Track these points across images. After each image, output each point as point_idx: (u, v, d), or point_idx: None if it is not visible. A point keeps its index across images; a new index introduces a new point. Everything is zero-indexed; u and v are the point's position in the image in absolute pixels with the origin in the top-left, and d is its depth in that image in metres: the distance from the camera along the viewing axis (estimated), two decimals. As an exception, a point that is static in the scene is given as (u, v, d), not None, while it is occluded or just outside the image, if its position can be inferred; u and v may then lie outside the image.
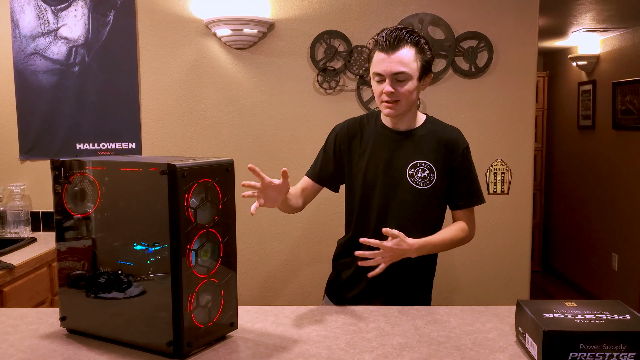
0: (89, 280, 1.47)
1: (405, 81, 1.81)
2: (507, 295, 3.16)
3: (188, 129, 3.15)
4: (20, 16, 3.10)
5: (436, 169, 1.89)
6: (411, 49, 1.80)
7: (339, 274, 2.05)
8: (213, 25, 2.97)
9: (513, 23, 3.05)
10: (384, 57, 1.80)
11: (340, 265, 2.05)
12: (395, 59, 1.78)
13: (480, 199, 1.96)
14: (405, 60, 1.79)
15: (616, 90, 4.75)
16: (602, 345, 1.25)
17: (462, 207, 1.95)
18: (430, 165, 1.89)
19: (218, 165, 1.43)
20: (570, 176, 5.77)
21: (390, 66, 1.79)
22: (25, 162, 3.20)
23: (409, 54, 1.79)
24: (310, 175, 2.05)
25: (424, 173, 1.88)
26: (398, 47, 1.78)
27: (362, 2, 3.06)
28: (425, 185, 1.88)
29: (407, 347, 1.43)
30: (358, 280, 1.98)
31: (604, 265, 5.05)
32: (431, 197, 1.89)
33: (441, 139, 1.92)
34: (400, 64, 1.78)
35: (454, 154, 1.91)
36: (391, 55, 1.79)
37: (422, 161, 1.89)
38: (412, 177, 1.88)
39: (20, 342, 1.47)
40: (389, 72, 1.80)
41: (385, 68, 1.80)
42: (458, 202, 1.94)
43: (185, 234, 1.33)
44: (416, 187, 1.88)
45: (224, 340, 1.48)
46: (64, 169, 1.49)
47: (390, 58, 1.79)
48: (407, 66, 1.79)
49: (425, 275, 2.01)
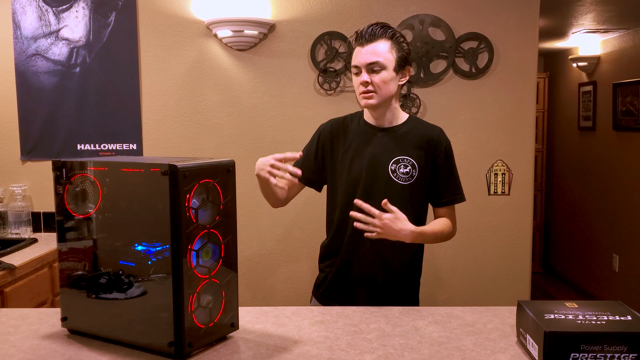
0: (90, 280, 1.48)
1: (380, 70, 1.86)
2: (508, 296, 3.16)
3: (189, 129, 3.16)
4: (21, 17, 3.10)
5: (418, 166, 1.93)
6: (386, 42, 1.87)
7: (325, 276, 2.06)
8: (214, 26, 2.98)
9: (513, 24, 3.05)
10: (359, 50, 1.88)
11: (327, 267, 2.07)
12: (370, 49, 1.86)
13: (461, 197, 2.01)
14: (379, 51, 1.86)
15: (617, 91, 4.75)
16: (604, 346, 1.25)
17: (445, 204, 1.99)
18: (412, 161, 1.93)
19: (219, 166, 1.43)
20: (570, 177, 5.77)
21: (365, 57, 1.86)
22: (26, 163, 3.21)
23: (384, 46, 1.87)
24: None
25: (407, 169, 1.92)
26: (372, 39, 1.87)
27: (363, 4, 3.06)
28: (407, 180, 1.92)
29: (408, 348, 1.43)
30: (344, 281, 2.00)
31: (604, 266, 5.05)
32: (413, 192, 1.93)
33: (424, 136, 1.96)
34: (374, 55, 1.86)
35: (436, 151, 1.95)
36: (366, 47, 1.87)
37: (405, 157, 1.93)
38: (394, 172, 1.92)
39: (21, 342, 1.47)
40: (363, 63, 1.87)
41: (360, 59, 1.87)
42: (441, 199, 1.99)
43: (186, 235, 1.33)
44: (399, 182, 1.91)
45: (224, 340, 1.48)
46: (65, 170, 1.49)
47: (365, 49, 1.87)
48: (381, 56, 1.86)
49: (411, 275, 2.04)
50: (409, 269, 2.01)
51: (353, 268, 1.98)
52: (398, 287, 2.00)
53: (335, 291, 2.03)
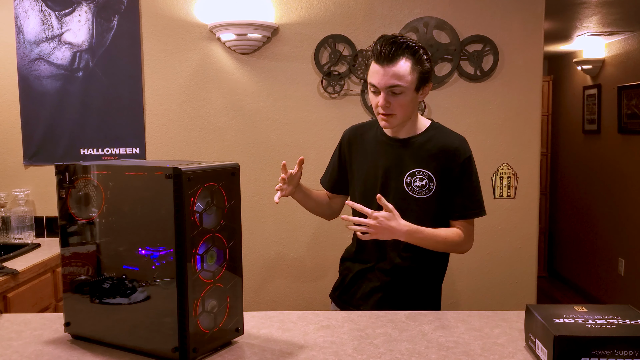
0: (94, 285, 1.46)
1: (401, 94, 1.77)
2: (514, 300, 3.13)
3: (192, 133, 3.15)
4: (24, 22, 3.10)
5: (436, 178, 1.85)
6: (407, 61, 1.75)
7: (343, 278, 2.05)
8: (217, 29, 2.97)
9: (518, 26, 3.04)
10: (379, 69, 1.76)
11: (344, 270, 2.05)
12: (390, 72, 1.75)
13: (478, 212, 1.90)
14: (401, 73, 1.75)
15: (622, 94, 4.73)
16: (614, 351, 1.23)
17: (457, 218, 1.89)
18: (429, 174, 1.85)
19: (224, 169, 1.42)
20: (575, 181, 5.75)
21: (385, 79, 1.75)
22: (29, 168, 3.20)
23: (405, 66, 1.75)
24: (327, 187, 2.11)
25: (422, 182, 1.84)
26: (394, 59, 1.74)
27: (367, 6, 3.05)
28: (424, 194, 1.85)
29: (415, 353, 1.41)
30: (361, 284, 1.98)
31: (610, 270, 5.02)
32: (430, 206, 1.86)
33: (442, 146, 1.87)
34: (395, 78, 1.75)
35: (454, 163, 1.86)
36: (386, 68, 1.75)
37: (421, 170, 1.85)
38: (409, 185, 1.85)
39: (24, 348, 1.46)
40: (383, 86, 1.77)
41: (380, 81, 1.76)
42: (454, 212, 1.89)
43: (190, 239, 1.32)
44: (414, 196, 1.85)
45: (229, 346, 1.46)
46: (68, 174, 1.48)
47: (385, 70, 1.75)
48: (402, 79, 1.75)
49: (431, 280, 1.98)
50: (427, 275, 1.95)
51: (369, 273, 1.95)
52: (418, 291, 1.94)
53: (351, 294, 2.00)
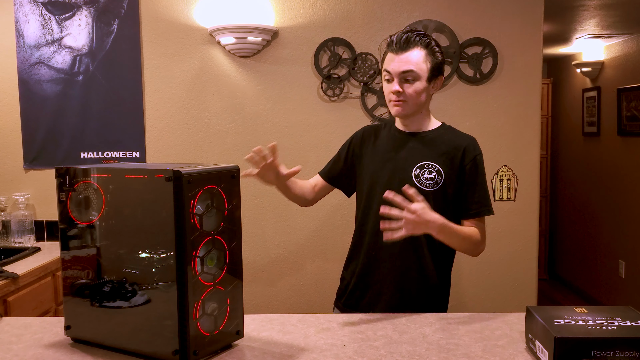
0: (94, 288, 1.46)
1: (414, 81, 1.81)
2: (514, 302, 3.13)
3: (192, 137, 3.15)
4: (24, 26, 3.10)
5: (444, 173, 1.86)
6: (421, 50, 1.82)
7: (347, 284, 2.02)
8: (217, 33, 2.97)
9: (518, 29, 3.04)
10: (393, 57, 1.82)
11: (348, 275, 2.03)
12: (404, 58, 1.81)
13: (490, 209, 1.90)
14: (414, 60, 1.80)
15: (621, 96, 4.74)
16: (615, 352, 1.23)
17: (473, 215, 1.88)
18: (438, 167, 1.86)
19: (224, 172, 1.42)
20: (575, 183, 5.75)
21: (399, 65, 1.81)
22: (29, 172, 3.20)
23: (419, 55, 1.81)
24: (321, 173, 2.11)
25: (431, 175, 1.85)
26: (408, 48, 1.81)
27: (366, 10, 3.06)
28: (432, 187, 1.85)
29: (415, 355, 1.41)
30: (365, 289, 1.95)
31: (611, 272, 5.02)
32: (438, 200, 1.84)
33: (453, 143, 1.89)
34: (409, 63, 1.80)
35: (465, 159, 1.87)
36: (400, 55, 1.81)
37: (430, 163, 1.86)
38: (417, 177, 1.86)
39: (24, 351, 1.46)
40: (397, 71, 1.81)
41: (394, 67, 1.82)
42: (469, 210, 1.87)
43: (190, 241, 1.32)
44: (422, 188, 1.84)
45: (230, 348, 1.46)
46: (68, 177, 1.48)
47: (399, 57, 1.81)
48: (416, 65, 1.80)
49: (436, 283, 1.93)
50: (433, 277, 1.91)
51: (374, 275, 1.93)
52: (421, 295, 1.91)
53: (356, 300, 1.97)
